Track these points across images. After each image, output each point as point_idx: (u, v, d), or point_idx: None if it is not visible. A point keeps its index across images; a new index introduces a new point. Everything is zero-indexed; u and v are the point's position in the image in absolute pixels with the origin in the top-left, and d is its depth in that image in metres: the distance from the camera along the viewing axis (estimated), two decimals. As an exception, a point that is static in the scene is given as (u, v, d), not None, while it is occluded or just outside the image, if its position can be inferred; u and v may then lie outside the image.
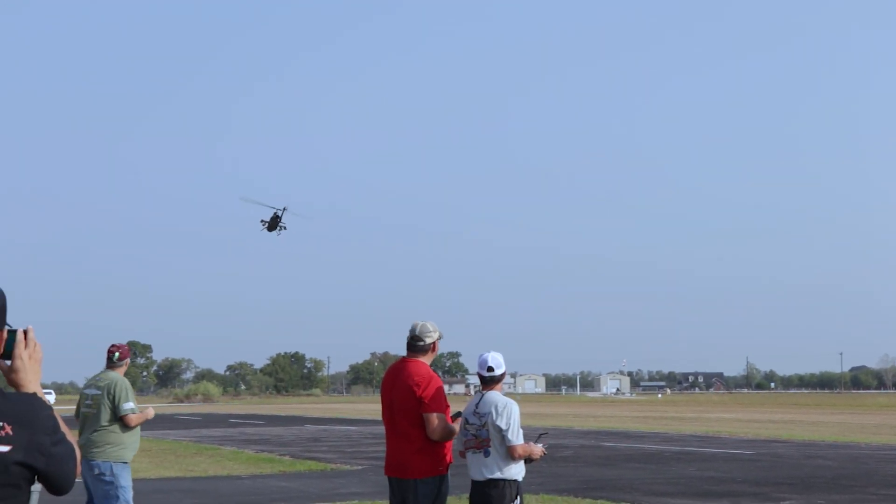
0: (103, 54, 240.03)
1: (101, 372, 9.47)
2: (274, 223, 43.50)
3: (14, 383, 2.99)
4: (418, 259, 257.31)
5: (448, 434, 7.26)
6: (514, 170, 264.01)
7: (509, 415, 7.20)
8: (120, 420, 9.24)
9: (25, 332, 3.00)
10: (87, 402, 9.31)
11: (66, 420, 3.11)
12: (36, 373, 3.01)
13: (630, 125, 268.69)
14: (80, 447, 8.94)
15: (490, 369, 7.35)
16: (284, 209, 41.72)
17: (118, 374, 9.40)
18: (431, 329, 7.49)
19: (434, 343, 7.52)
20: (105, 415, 9.22)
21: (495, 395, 7.33)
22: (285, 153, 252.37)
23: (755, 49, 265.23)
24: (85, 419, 9.36)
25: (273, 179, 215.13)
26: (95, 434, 9.22)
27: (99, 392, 9.24)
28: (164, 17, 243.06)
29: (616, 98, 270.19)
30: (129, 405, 9.28)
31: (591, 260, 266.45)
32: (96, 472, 9.21)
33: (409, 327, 7.50)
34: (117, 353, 9.44)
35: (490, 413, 7.19)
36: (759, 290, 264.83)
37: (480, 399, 7.34)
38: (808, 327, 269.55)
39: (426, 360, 7.50)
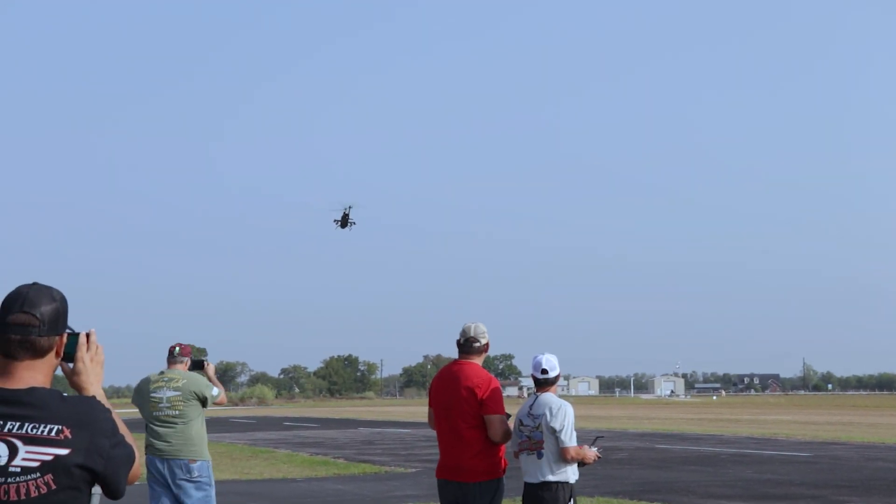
0: (97, 57, 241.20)
1: (167, 371, 9.44)
2: (345, 221, 47.28)
3: (76, 386, 3.05)
4: (468, 262, 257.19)
5: (508, 436, 7.27)
6: (559, 167, 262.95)
7: (563, 416, 7.20)
8: (204, 407, 9.31)
9: (88, 335, 3.05)
10: (164, 405, 9.21)
11: (129, 423, 3.15)
12: (98, 375, 3.06)
13: (681, 123, 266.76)
14: (169, 451, 9.07)
15: (544, 371, 7.36)
16: (350, 207, 45.33)
17: (185, 370, 9.45)
18: (484, 330, 7.51)
19: (487, 344, 7.54)
20: (192, 412, 9.24)
21: (550, 397, 7.34)
22: (297, 158, 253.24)
23: (805, 50, 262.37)
24: (165, 422, 9.20)
25: (288, 186, 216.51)
26: (186, 434, 9.20)
27: (178, 392, 9.23)
28: (161, 19, 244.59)
29: (672, 96, 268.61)
30: (214, 390, 9.38)
31: (644, 261, 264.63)
32: (195, 473, 9.14)
33: (461, 330, 7.49)
34: (178, 349, 9.50)
35: (544, 415, 7.20)
36: (816, 289, 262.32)
37: (535, 401, 7.36)
38: (867, 327, 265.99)
39: (479, 361, 7.52)
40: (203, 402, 9.28)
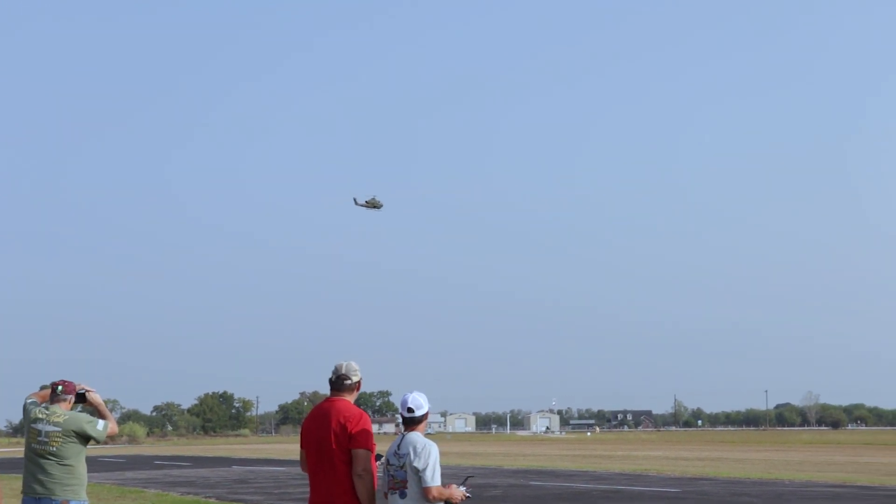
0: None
1: (49, 406, 9.11)
2: (373, 204, 58.04)
3: None
4: (346, 297, 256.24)
5: (368, 472, 7.25)
6: (430, 208, 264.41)
7: (427, 456, 7.16)
8: (88, 443, 8.98)
9: None
10: (42, 438, 8.88)
11: None
12: None
13: (572, 168, 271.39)
14: (42, 491, 8.72)
15: (410, 410, 7.33)
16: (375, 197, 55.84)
17: (67, 409, 9.12)
18: (356, 368, 7.55)
19: (359, 381, 7.57)
20: (70, 451, 8.92)
21: (415, 437, 7.32)
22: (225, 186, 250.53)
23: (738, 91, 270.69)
24: (41, 456, 8.85)
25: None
26: (59, 472, 8.88)
27: (57, 429, 8.91)
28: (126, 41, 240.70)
29: (558, 136, 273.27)
30: (100, 423, 9.05)
31: (520, 299, 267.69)
32: None
33: (333, 368, 7.51)
34: (61, 387, 9.21)
35: (408, 454, 7.19)
36: (687, 330, 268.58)
37: (402, 440, 7.34)
38: (734, 365, 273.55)
39: (351, 398, 7.54)
40: (86, 439, 8.99)
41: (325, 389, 7.66)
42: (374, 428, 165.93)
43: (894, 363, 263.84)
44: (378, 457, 7.44)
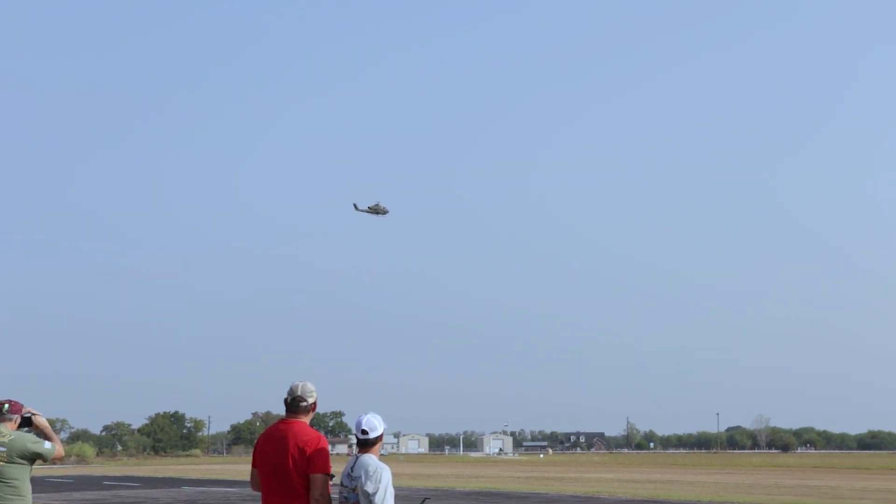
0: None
1: None
2: (376, 210, 61.73)
3: None
4: (299, 314, 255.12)
5: (326, 497, 7.25)
6: (394, 224, 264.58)
7: (378, 479, 7.17)
8: (35, 462, 8.88)
9: None
10: None
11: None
12: None
13: (530, 179, 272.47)
14: None
15: (364, 432, 7.33)
16: (378, 203, 59.14)
17: (13, 429, 9.03)
18: (312, 389, 7.52)
19: (314, 403, 7.55)
20: (16, 472, 8.83)
21: (368, 459, 7.31)
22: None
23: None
24: None
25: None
26: (4, 492, 8.78)
27: (3, 449, 8.82)
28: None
29: (525, 150, 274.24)
30: (47, 444, 8.97)
31: (475, 319, 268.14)
32: None
33: (288, 389, 7.49)
34: (7, 405, 9.12)
35: (360, 477, 7.20)
36: (640, 352, 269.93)
37: (355, 462, 7.34)
38: (687, 388, 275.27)
39: (306, 420, 7.52)
40: (32, 460, 8.92)
41: (279, 409, 7.65)
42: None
43: (843, 387, 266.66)
44: (332, 476, 7.43)
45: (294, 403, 7.46)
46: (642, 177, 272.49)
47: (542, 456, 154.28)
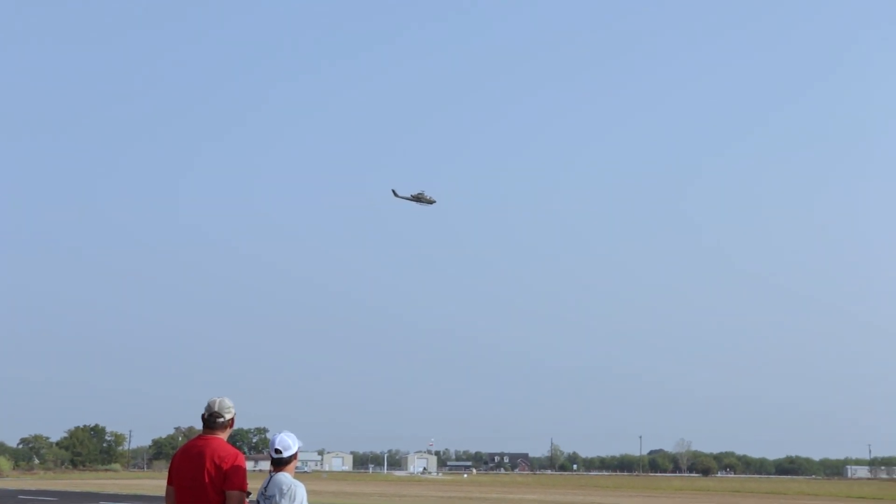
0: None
1: None
2: (418, 199, 61.17)
3: None
4: (223, 329, 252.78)
5: None
6: (324, 225, 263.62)
7: (292, 497, 7.28)
8: None
9: None
10: None
11: None
12: None
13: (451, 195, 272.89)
14: None
15: (278, 451, 7.43)
16: (422, 192, 59.44)
17: None
18: (230, 405, 7.56)
19: (232, 419, 7.59)
20: None
21: (282, 477, 7.40)
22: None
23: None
24: None
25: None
26: None
27: None
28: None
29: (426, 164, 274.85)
30: None
31: (401, 335, 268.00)
32: None
33: (206, 404, 7.54)
34: None
35: (275, 495, 7.30)
36: (565, 373, 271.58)
37: (269, 481, 7.42)
38: (610, 411, 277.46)
39: (224, 436, 7.55)
40: None
41: (201, 424, 7.64)
42: (250, 465, 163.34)
43: (763, 412, 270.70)
44: (248, 494, 7.47)
45: (211, 419, 7.50)
46: (581, 193, 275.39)
47: (465, 476, 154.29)
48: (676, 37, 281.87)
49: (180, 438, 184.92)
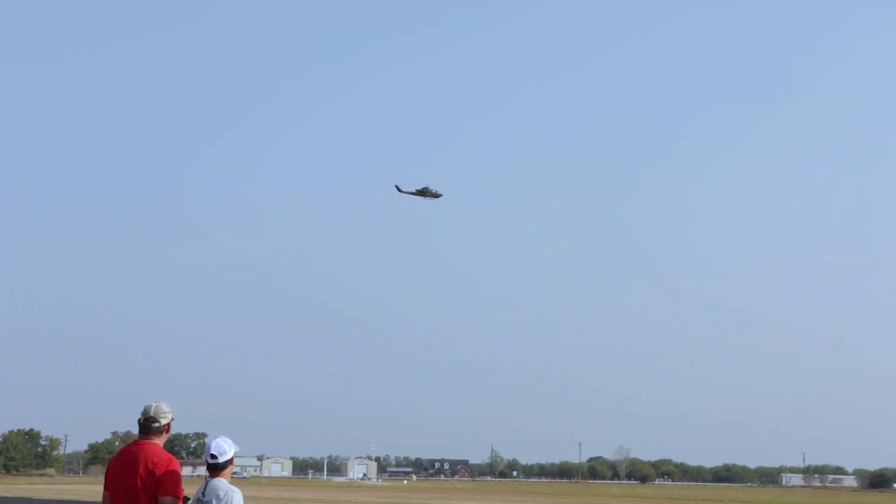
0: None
1: None
2: (423, 193, 59.93)
3: None
4: (164, 334, 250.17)
5: None
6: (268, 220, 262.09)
7: (229, 502, 7.28)
8: None
9: None
10: None
11: None
12: None
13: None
14: None
15: (214, 457, 7.42)
16: (427, 187, 57.69)
17: None
18: (166, 410, 7.55)
19: (168, 424, 7.58)
20: None
21: (218, 483, 7.39)
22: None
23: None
24: None
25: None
26: None
27: None
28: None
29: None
30: None
31: (341, 341, 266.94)
32: None
33: (142, 409, 7.53)
34: None
35: (211, 501, 7.29)
36: (506, 380, 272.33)
37: (206, 486, 7.41)
38: (551, 418, 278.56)
39: (160, 441, 7.54)
40: None
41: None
42: (189, 470, 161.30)
43: (700, 421, 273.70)
44: (186, 499, 7.49)
45: (147, 424, 7.49)
46: (527, 202, 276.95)
47: (405, 482, 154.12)
48: (613, 55, 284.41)
49: (117, 443, 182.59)
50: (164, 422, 7.54)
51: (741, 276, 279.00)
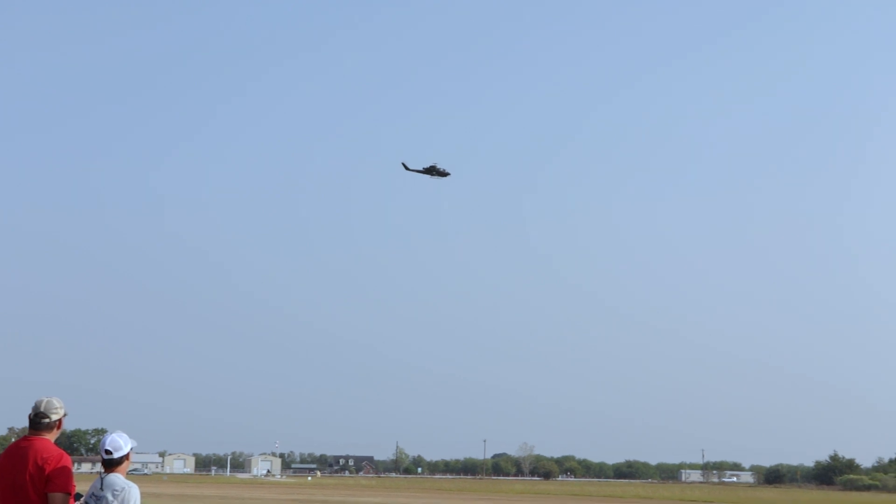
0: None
1: None
2: (431, 171, 58.55)
3: None
4: (62, 327, 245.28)
5: None
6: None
7: (125, 499, 7.15)
8: None
9: None
10: None
11: None
12: None
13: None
14: None
15: (109, 452, 7.27)
16: (434, 165, 57.54)
17: None
18: (58, 405, 7.36)
19: (60, 420, 7.39)
20: None
21: (114, 478, 7.25)
22: None
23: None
24: None
25: None
26: None
27: None
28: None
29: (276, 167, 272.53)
30: None
31: (245, 334, 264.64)
32: None
33: (33, 405, 7.33)
34: None
35: (106, 497, 7.15)
36: (411, 377, 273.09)
37: (101, 482, 7.26)
38: (455, 415, 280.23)
39: (51, 437, 7.35)
40: None
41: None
42: (87, 467, 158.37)
43: (602, 418, 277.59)
44: (78, 496, 7.29)
45: (37, 420, 7.31)
46: (434, 194, 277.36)
47: (309, 479, 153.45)
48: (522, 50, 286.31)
49: (13, 439, 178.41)
50: (55, 418, 7.35)
51: (620, 275, 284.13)
